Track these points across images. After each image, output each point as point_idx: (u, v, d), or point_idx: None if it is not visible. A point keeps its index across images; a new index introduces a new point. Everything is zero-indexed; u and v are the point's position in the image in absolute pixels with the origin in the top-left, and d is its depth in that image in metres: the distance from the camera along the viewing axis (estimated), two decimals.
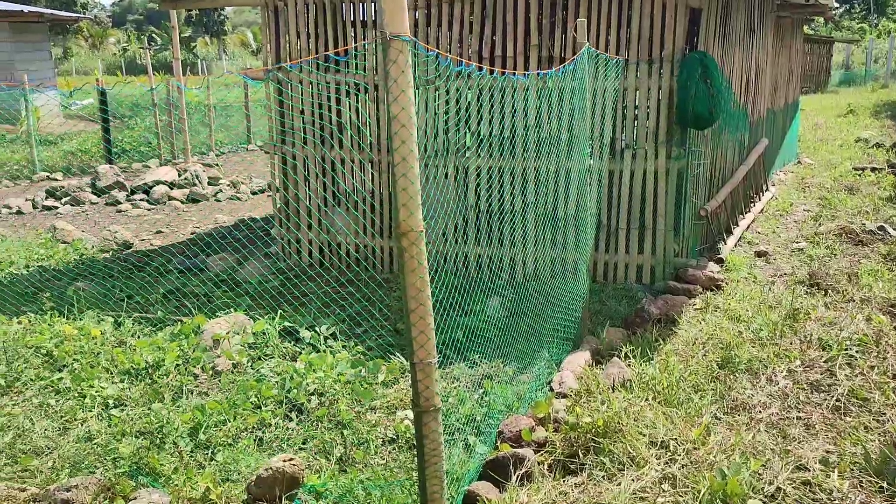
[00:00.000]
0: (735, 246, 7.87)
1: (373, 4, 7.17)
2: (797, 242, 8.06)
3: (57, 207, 11.22)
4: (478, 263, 6.98)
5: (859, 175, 11.44)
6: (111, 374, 4.99)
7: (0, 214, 10.84)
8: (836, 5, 40.38)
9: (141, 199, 11.57)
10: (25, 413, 4.49)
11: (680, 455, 3.65)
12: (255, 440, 4.17)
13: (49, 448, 4.16)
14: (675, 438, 3.75)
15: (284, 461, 3.54)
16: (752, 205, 9.22)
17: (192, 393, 4.76)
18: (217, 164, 14.13)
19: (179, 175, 12.34)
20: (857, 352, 4.84)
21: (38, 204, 11.30)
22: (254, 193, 12.23)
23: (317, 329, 5.54)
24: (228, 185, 12.41)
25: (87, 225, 10.20)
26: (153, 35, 57.38)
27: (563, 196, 6.33)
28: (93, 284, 6.88)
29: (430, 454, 3.04)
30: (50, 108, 19.06)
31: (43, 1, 56.52)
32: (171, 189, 11.86)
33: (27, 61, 19.21)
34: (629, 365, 4.77)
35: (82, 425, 4.39)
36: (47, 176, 13.98)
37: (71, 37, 51.73)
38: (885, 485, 3.44)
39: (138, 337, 5.60)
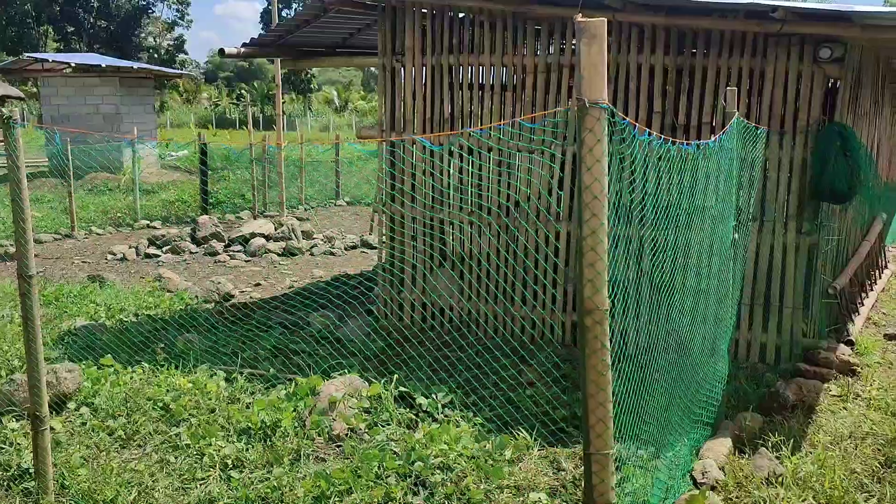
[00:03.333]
0: (863, 327, 7.38)
1: (492, 69, 7.15)
2: None
3: (158, 255, 11.47)
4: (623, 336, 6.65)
5: None
6: (227, 432, 4.90)
7: (106, 260, 11.15)
8: None
9: (238, 251, 11.74)
10: (147, 469, 4.41)
11: None
12: None
13: None
14: None
15: None
16: (873, 283, 8.71)
17: (309, 457, 4.61)
18: (310, 219, 14.32)
19: (276, 228, 12.52)
20: None
21: (141, 251, 11.58)
22: (347, 249, 12.28)
23: (433, 396, 5.35)
24: (323, 240, 12.51)
25: (188, 274, 10.37)
26: (242, 92, 59.91)
27: (703, 269, 6.03)
28: (200, 337, 6.87)
29: None
30: (150, 159, 19.87)
31: (144, 57, 59.87)
32: (268, 242, 12.01)
33: (133, 114, 20.12)
34: (777, 456, 4.40)
35: (202, 486, 4.28)
36: (147, 224, 14.43)
37: (168, 92, 54.41)
38: None
39: (252, 394, 5.53)
